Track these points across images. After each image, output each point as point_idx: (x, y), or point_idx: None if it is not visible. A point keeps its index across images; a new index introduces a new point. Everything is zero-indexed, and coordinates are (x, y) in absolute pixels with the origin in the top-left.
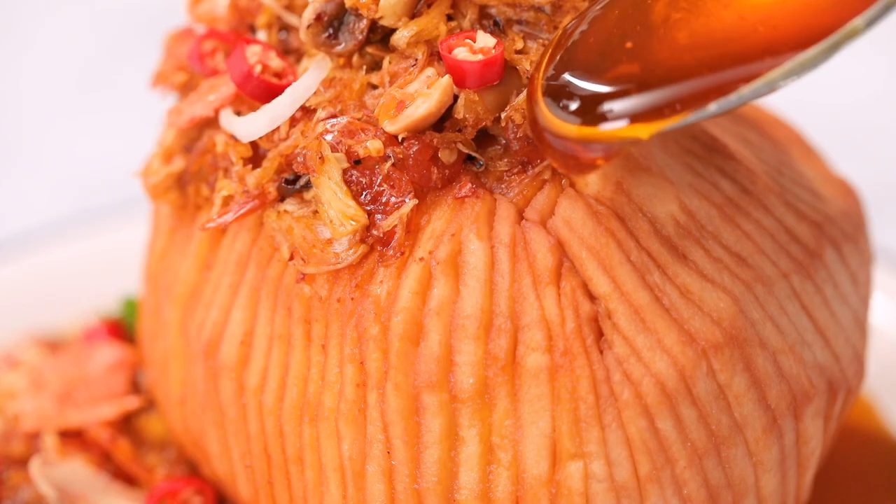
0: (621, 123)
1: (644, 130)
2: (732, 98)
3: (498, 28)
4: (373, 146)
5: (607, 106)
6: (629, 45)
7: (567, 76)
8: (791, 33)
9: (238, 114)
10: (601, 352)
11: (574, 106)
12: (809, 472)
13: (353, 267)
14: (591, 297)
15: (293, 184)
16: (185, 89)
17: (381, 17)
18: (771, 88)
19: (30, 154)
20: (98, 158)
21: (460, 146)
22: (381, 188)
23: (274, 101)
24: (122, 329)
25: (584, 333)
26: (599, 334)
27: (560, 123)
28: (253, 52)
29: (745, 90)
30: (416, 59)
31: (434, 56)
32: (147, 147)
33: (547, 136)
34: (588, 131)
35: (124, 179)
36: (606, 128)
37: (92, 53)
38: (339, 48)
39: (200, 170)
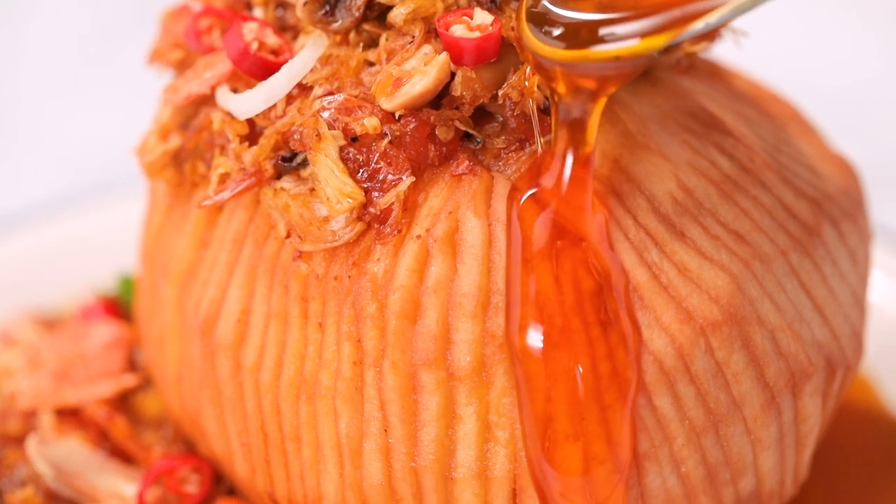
0: (605, 46)
1: (627, 51)
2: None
3: (495, 5)
4: (370, 123)
5: (588, 30)
6: None
7: (545, 3)
8: None
9: (234, 91)
10: (603, 328)
11: (557, 32)
12: (808, 449)
13: (350, 245)
14: (592, 274)
15: (290, 161)
16: (182, 66)
17: None
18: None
19: (27, 132)
20: (95, 136)
21: (457, 123)
22: (378, 165)
23: (270, 79)
24: (118, 307)
25: (585, 310)
26: (600, 311)
27: (543, 47)
28: (249, 29)
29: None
30: (413, 37)
31: (431, 33)
32: (143, 125)
33: (538, 59)
34: (570, 54)
35: (121, 157)
36: (587, 49)
37: (88, 31)
38: (335, 25)
39: (197, 147)
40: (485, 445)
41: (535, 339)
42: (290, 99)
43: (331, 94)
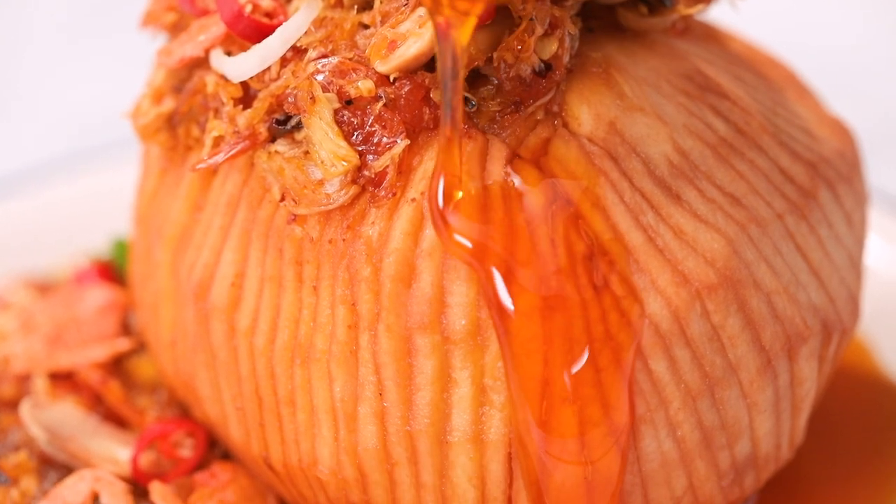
0: None
1: None
2: None
3: None
4: (364, 86)
5: None
6: None
7: None
8: None
9: (228, 54)
10: (596, 292)
11: None
12: (804, 413)
13: (345, 208)
14: (584, 238)
15: (284, 124)
16: (175, 29)
17: None
18: None
19: (20, 97)
20: (88, 100)
21: None
22: (373, 128)
23: (264, 42)
24: (112, 271)
25: (577, 274)
26: (592, 275)
27: None
28: None
29: None
30: None
31: None
32: (137, 88)
33: None
34: None
35: (114, 121)
36: None
37: None
38: None
39: (191, 110)
40: (480, 409)
41: (529, 301)
42: (284, 62)
43: (325, 56)
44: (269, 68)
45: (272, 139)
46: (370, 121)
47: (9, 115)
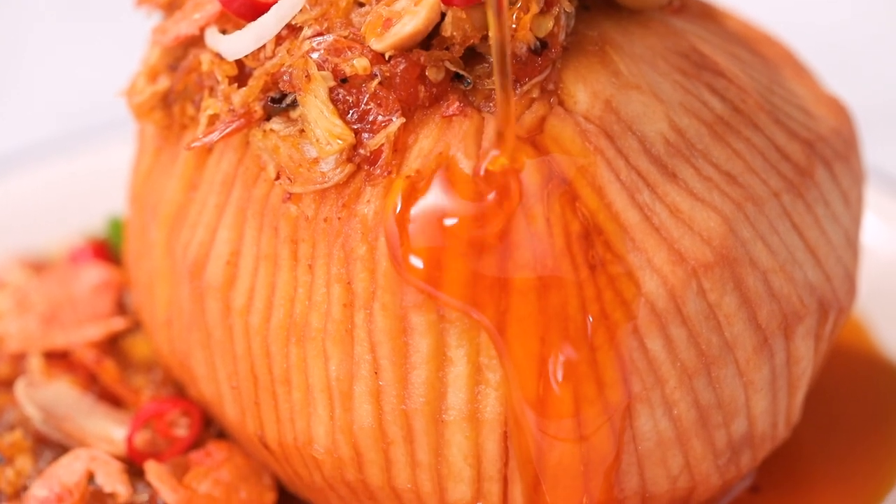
0: None
1: None
2: None
3: None
4: (359, 64)
5: None
6: None
7: None
8: None
9: (223, 32)
10: (591, 270)
11: None
12: (800, 392)
13: (340, 186)
14: (580, 216)
15: (279, 102)
16: (170, 7)
17: None
18: None
19: (15, 76)
20: (83, 79)
21: (448, 64)
22: (368, 107)
23: (259, 19)
24: (107, 250)
25: (573, 252)
26: (588, 253)
27: None
28: None
29: None
30: None
31: None
32: (132, 67)
33: None
34: None
35: (110, 99)
36: None
37: None
38: None
39: (186, 89)
40: (476, 388)
41: (526, 280)
42: (279, 40)
43: (320, 34)
44: (264, 46)
45: (267, 117)
46: (365, 99)
47: (3, 95)
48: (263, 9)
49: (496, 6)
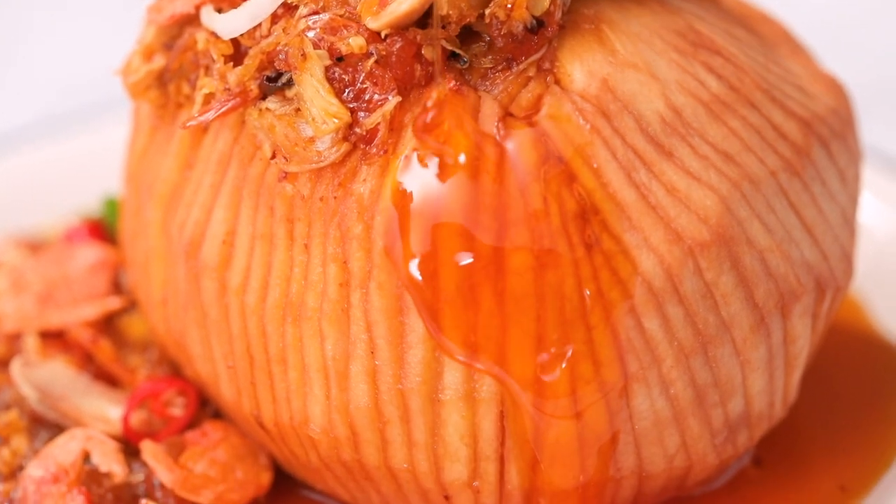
0: None
1: None
2: None
3: None
4: (355, 43)
5: None
6: None
7: None
8: None
9: (219, 10)
10: (587, 249)
11: None
12: (797, 371)
13: (336, 165)
14: (577, 195)
15: (275, 81)
16: None
17: None
18: None
19: (9, 55)
20: (78, 58)
21: (444, 43)
22: (364, 85)
23: None
24: (103, 229)
25: (570, 231)
26: (585, 232)
27: None
28: None
29: None
30: None
31: None
32: (128, 45)
33: None
34: None
35: (105, 78)
36: None
37: None
38: None
39: (181, 67)
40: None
41: (523, 260)
42: (275, 18)
43: (316, 13)
44: (259, 25)
45: (263, 96)
46: (361, 78)
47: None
48: None
49: None
